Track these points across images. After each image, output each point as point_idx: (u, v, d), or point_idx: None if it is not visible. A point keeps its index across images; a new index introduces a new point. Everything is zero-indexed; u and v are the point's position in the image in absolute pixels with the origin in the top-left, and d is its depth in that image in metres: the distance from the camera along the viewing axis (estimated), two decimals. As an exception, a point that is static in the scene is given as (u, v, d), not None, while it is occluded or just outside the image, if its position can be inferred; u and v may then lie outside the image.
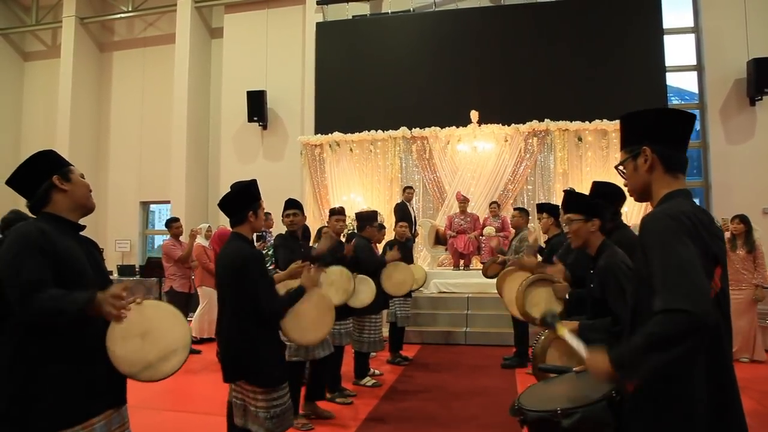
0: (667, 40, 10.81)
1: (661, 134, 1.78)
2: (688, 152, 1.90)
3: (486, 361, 6.63)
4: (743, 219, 6.65)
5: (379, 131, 10.97)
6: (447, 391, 5.42)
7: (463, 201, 9.47)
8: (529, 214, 6.88)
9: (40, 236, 1.94)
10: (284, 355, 3.34)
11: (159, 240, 14.02)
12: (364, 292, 5.07)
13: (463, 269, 9.22)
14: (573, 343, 1.92)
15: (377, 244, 6.07)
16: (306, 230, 5.90)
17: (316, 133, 11.63)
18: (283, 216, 4.54)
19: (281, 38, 12.52)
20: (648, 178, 1.79)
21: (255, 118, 12.12)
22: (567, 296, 3.58)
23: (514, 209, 6.86)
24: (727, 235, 6.65)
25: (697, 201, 10.96)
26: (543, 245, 6.29)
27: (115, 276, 10.75)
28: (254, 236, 6.65)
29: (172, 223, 7.15)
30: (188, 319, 8.04)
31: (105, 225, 13.48)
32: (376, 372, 5.99)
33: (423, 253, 10.13)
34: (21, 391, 1.88)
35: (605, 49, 10.66)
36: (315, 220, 11.28)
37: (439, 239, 9.68)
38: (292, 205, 4.58)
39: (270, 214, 8.93)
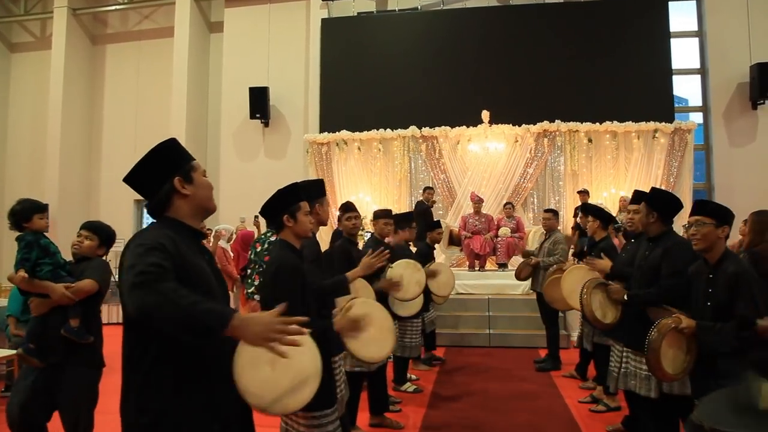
0: (672, 43, 10.94)
1: None
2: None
3: (517, 364, 6.60)
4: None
5: (388, 130, 10.86)
6: (491, 396, 5.36)
7: (478, 201, 9.43)
8: (558, 215, 6.87)
9: (168, 243, 1.69)
10: (333, 374, 3.01)
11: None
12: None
13: (479, 270, 9.17)
14: None
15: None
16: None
17: (321, 131, 11.46)
18: (342, 219, 4.35)
19: (284, 34, 12.28)
20: None
21: (257, 115, 11.88)
22: (625, 297, 3.67)
23: (545, 211, 6.85)
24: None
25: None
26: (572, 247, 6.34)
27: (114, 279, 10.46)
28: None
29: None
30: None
31: (97, 223, 13.06)
32: (413, 377, 5.90)
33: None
34: (154, 420, 1.67)
35: (614, 51, 10.73)
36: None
37: (453, 240, 9.62)
38: (352, 208, 4.37)
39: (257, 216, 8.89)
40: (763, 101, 10.55)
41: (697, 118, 10.98)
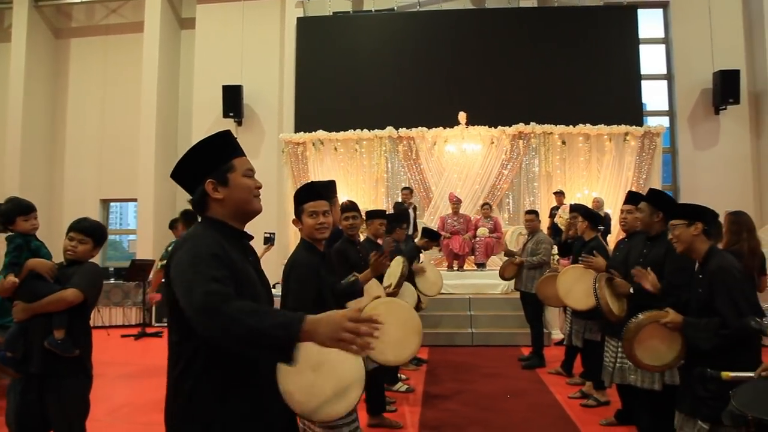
0: (641, 49, 11.29)
1: None
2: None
3: (502, 362, 6.69)
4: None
5: (365, 130, 10.86)
6: (481, 393, 5.42)
7: (456, 202, 9.51)
8: (539, 216, 7.00)
9: (220, 250, 1.62)
10: None
11: (125, 241, 13.29)
12: (408, 297, 4.99)
13: (458, 270, 9.26)
14: None
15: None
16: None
17: (296, 130, 11.37)
18: (341, 219, 4.31)
19: (258, 32, 12.13)
20: None
21: (231, 114, 11.69)
22: (630, 290, 3.77)
23: (527, 212, 6.99)
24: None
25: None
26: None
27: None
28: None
29: (176, 224, 6.72)
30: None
31: (60, 224, 12.53)
32: (403, 377, 5.91)
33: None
34: (208, 426, 1.60)
35: (586, 56, 11.01)
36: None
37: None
38: (351, 208, 4.34)
39: None
40: (724, 107, 11.00)
41: (664, 122, 11.35)
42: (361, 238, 4.73)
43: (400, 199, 9.47)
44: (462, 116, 10.38)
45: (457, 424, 4.58)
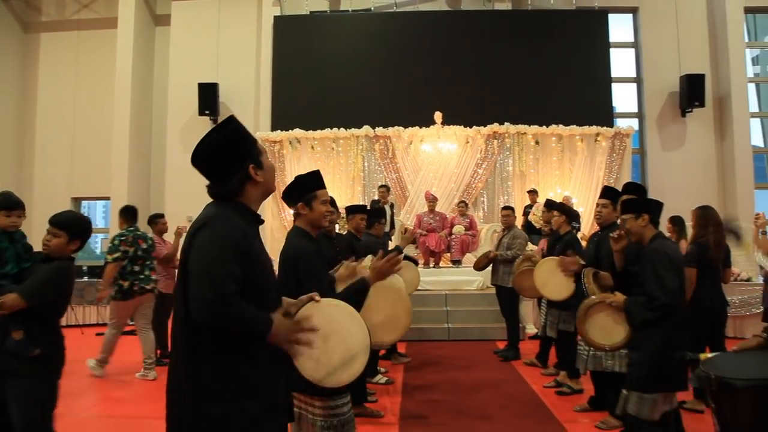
0: (611, 53, 11.61)
1: None
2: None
3: (478, 355, 6.81)
4: (675, 220, 7.08)
5: (342, 129, 10.92)
6: (460, 384, 5.52)
7: (432, 200, 9.62)
8: (514, 212, 7.17)
9: (242, 239, 1.72)
10: None
11: (95, 240, 13.06)
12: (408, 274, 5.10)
13: (434, 267, 9.37)
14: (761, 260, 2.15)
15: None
16: None
17: (273, 129, 11.39)
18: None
19: (234, 30, 12.10)
20: None
21: (206, 112, 11.63)
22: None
23: (504, 208, 7.13)
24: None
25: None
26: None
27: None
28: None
29: (156, 219, 6.69)
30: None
31: (30, 222, 12.21)
32: (382, 369, 5.98)
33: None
34: (217, 400, 1.66)
35: (559, 58, 11.27)
36: (274, 218, 11.06)
37: (407, 238, 9.74)
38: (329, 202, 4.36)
39: None
40: (691, 110, 11.37)
41: (633, 123, 11.67)
42: (343, 232, 4.80)
43: (376, 197, 9.54)
44: (438, 116, 10.51)
45: (436, 412, 4.67)
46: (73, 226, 2.95)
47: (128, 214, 6.18)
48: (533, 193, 9.78)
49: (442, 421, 4.45)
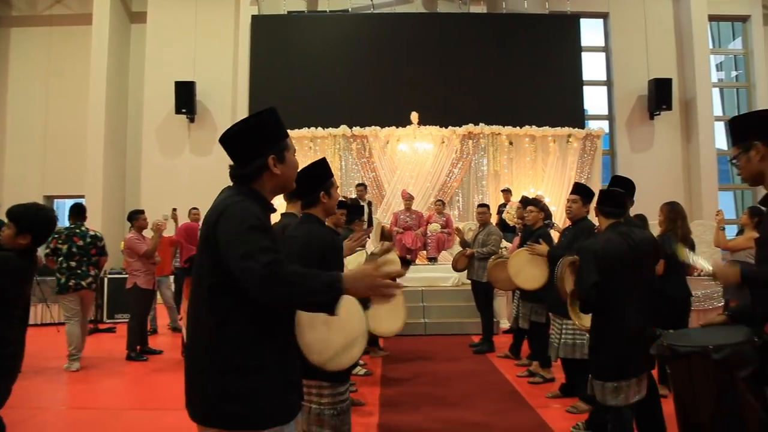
0: (583, 57, 11.94)
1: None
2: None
3: (454, 349, 6.96)
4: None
5: (319, 128, 11.01)
6: (436, 375, 5.67)
7: (409, 199, 9.77)
8: (490, 209, 7.37)
9: (264, 218, 1.75)
10: None
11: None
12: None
13: (411, 264, 9.51)
14: (692, 259, 2.33)
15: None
16: None
17: (250, 127, 11.39)
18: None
19: (212, 29, 12.10)
20: (760, 166, 2.20)
21: (183, 110, 11.61)
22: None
23: (479, 205, 7.30)
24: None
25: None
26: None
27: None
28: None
29: (137, 216, 6.69)
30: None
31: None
32: (361, 362, 6.09)
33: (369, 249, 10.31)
34: (242, 373, 1.70)
35: (533, 61, 11.56)
36: (251, 216, 11.07)
37: (384, 235, 9.90)
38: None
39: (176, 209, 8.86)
40: (658, 112, 11.76)
41: (604, 125, 12.01)
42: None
43: (354, 196, 9.65)
44: (414, 116, 10.68)
45: (414, 400, 4.81)
46: (21, 219, 2.83)
47: (72, 211, 6.29)
48: (507, 192, 10.00)
49: (421, 409, 4.58)
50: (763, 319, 2.16)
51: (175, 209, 8.99)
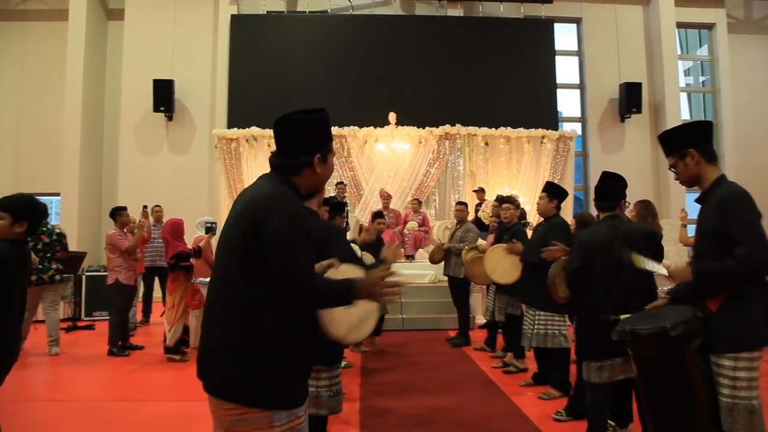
0: (557, 60, 12.25)
1: (700, 138, 2.62)
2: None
3: (431, 343, 7.15)
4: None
5: (299, 128, 11.08)
6: (416, 367, 5.86)
7: (387, 198, 9.95)
8: (467, 207, 7.58)
9: (306, 220, 1.84)
10: None
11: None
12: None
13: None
14: (650, 266, 2.55)
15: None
16: None
17: (229, 126, 11.45)
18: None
19: (190, 27, 12.08)
20: (696, 170, 2.60)
21: (161, 109, 11.57)
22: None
23: (458, 203, 7.55)
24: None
25: (580, 203, 12.54)
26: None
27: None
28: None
29: (119, 212, 6.72)
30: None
31: (-28, 218, 11.94)
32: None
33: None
34: (266, 352, 1.78)
35: (508, 64, 11.82)
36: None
37: (362, 233, 10.02)
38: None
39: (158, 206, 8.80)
40: (629, 115, 12.12)
41: (576, 127, 12.33)
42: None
43: (333, 194, 9.78)
44: (392, 117, 10.86)
45: (392, 389, 4.97)
46: (16, 206, 2.84)
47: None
48: (480, 191, 10.18)
49: (400, 396, 4.75)
50: (705, 298, 2.46)
51: (145, 206, 8.91)
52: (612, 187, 3.66)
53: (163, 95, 11.49)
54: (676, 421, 2.40)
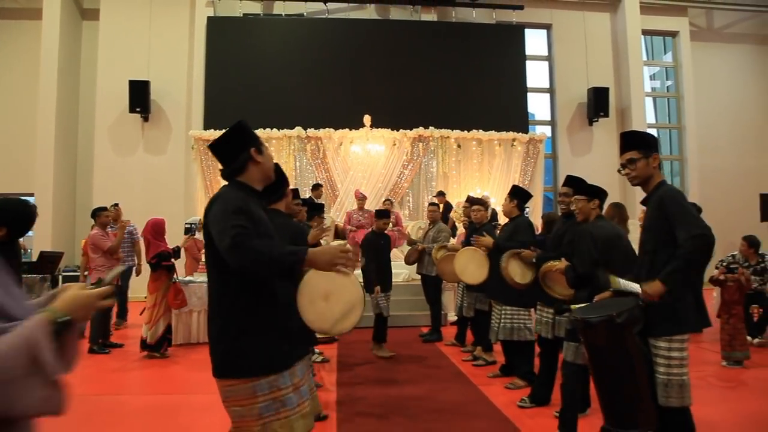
0: (528, 65, 12.62)
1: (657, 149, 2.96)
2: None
3: (405, 339, 7.34)
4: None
5: (274, 130, 11.25)
6: (389, 361, 6.06)
7: (362, 198, 10.13)
8: (440, 207, 7.83)
9: (244, 203, 2.07)
10: None
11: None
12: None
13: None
14: (623, 285, 2.77)
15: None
16: None
17: (205, 127, 11.55)
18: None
19: (166, 28, 12.14)
20: (653, 172, 2.92)
21: (137, 109, 11.61)
22: (534, 260, 4.56)
23: (430, 204, 7.78)
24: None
25: (549, 204, 12.91)
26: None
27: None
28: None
29: (99, 212, 6.79)
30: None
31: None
32: (317, 351, 6.40)
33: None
34: (241, 334, 2.06)
35: (480, 68, 12.15)
36: (207, 215, 11.19)
37: (338, 234, 10.24)
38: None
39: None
40: (597, 119, 12.55)
41: (546, 130, 12.71)
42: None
43: (309, 196, 9.94)
44: (367, 119, 11.08)
45: (369, 381, 5.18)
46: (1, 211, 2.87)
47: None
48: (441, 195, 10.29)
49: (374, 387, 4.96)
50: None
51: (116, 204, 8.77)
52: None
53: (139, 96, 11.53)
54: (621, 396, 2.68)
